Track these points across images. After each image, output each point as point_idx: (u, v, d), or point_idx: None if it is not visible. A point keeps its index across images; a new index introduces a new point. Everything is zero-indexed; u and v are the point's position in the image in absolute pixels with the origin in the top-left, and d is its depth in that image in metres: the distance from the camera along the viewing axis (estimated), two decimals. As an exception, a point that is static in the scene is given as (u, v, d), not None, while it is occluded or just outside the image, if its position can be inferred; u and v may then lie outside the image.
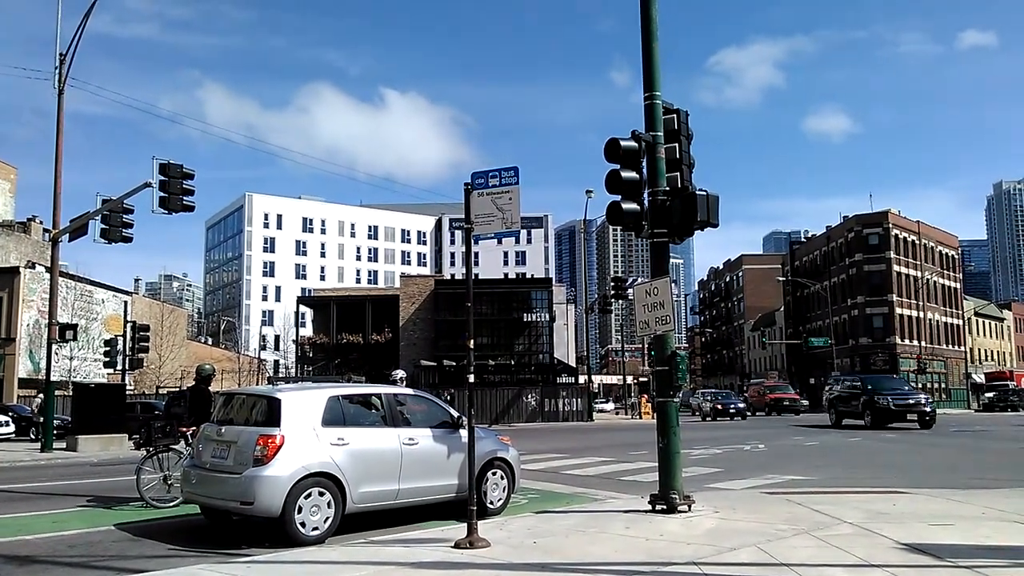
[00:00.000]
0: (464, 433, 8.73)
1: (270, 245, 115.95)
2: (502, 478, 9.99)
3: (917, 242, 74.23)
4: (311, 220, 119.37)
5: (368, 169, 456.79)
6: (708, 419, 44.93)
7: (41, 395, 31.51)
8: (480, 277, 78.86)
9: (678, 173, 9.39)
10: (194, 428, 10.80)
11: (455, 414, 9.82)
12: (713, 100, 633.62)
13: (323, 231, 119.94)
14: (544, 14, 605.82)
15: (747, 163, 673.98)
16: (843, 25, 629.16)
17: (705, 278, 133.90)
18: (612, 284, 48.83)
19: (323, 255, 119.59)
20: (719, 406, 45.61)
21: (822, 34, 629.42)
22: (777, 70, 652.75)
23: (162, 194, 20.04)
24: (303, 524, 7.99)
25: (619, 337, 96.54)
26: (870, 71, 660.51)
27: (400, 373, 13.44)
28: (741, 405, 46.23)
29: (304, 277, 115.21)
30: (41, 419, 26.21)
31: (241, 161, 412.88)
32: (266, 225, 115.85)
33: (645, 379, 71.55)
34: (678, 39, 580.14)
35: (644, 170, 9.38)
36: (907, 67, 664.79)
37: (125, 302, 52.26)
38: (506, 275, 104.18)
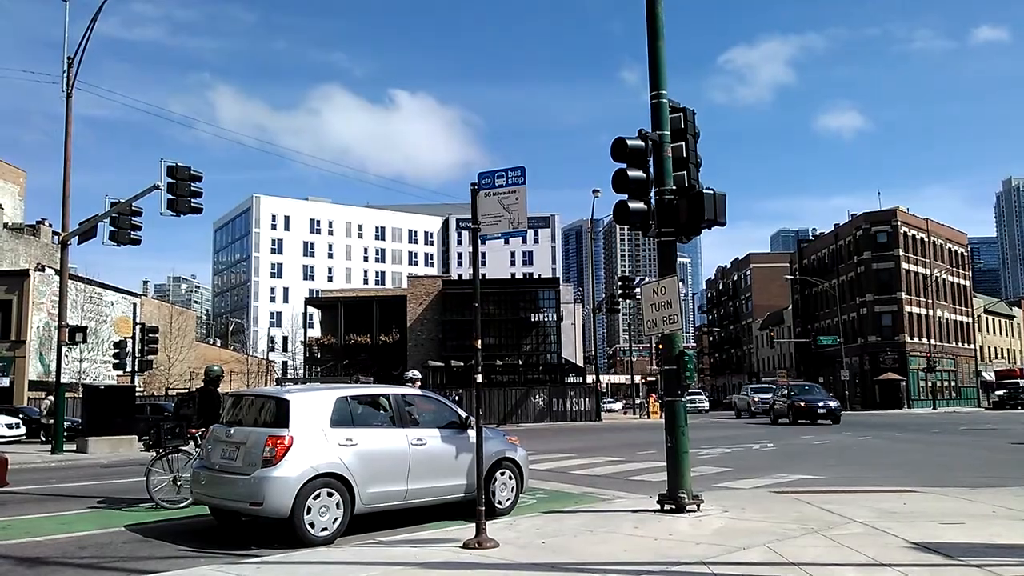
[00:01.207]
0: (472, 433, 8.73)
1: (278, 247, 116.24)
2: (510, 478, 9.99)
3: (926, 240, 73.88)
4: (318, 221, 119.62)
5: (378, 169, 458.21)
6: (783, 422, 34.82)
7: (50, 397, 31.65)
8: (487, 277, 78.80)
9: (685, 172, 9.36)
10: (203, 429, 10.83)
11: (463, 414, 9.82)
12: (724, 99, 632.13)
13: (330, 232, 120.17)
14: (554, 14, 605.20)
15: (757, 161, 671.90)
16: (855, 22, 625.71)
17: (713, 277, 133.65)
18: (619, 283, 48.78)
19: (330, 256, 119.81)
20: (801, 404, 34.11)
21: (834, 31, 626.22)
22: (789, 68, 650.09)
23: (170, 196, 20.08)
24: (312, 525, 8.01)
25: (627, 336, 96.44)
26: (882, 68, 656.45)
27: (414, 374, 13.50)
28: (833, 404, 34.01)
29: (312, 278, 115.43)
30: (50, 421, 26.34)
31: (253, 163, 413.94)
32: (274, 227, 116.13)
33: (653, 378, 71.56)
34: (689, 38, 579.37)
35: (651, 169, 9.36)
36: (919, 64, 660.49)
37: (134, 304, 52.47)
38: (513, 275, 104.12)
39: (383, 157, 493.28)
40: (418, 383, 12.87)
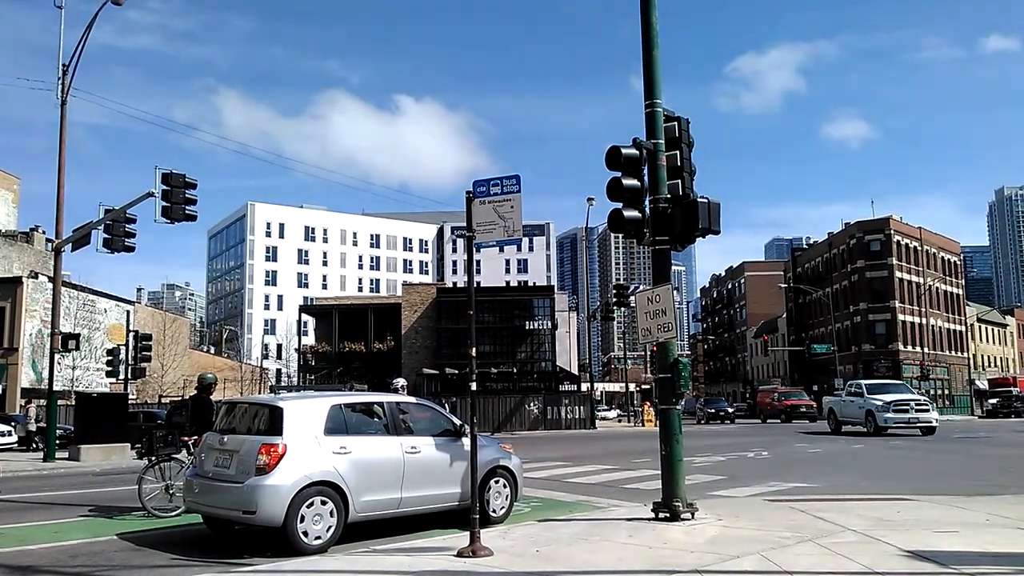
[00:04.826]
0: (467, 441, 8.72)
1: (272, 254, 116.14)
2: (505, 486, 9.97)
3: (919, 248, 74.16)
4: (313, 229, 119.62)
5: (385, 176, 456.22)
6: None
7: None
8: (482, 285, 78.82)
9: (679, 180, 9.40)
10: (196, 437, 10.80)
11: (457, 422, 9.81)
12: (731, 107, 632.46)
13: (325, 240, 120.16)
14: (565, 20, 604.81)
15: (756, 169, 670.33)
16: (866, 30, 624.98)
17: (707, 285, 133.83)
18: (614, 291, 48.89)
19: (325, 264, 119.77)
20: None
21: (844, 39, 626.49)
22: (798, 76, 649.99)
23: (164, 204, 20.05)
24: (305, 533, 7.98)
25: (621, 344, 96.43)
26: (891, 77, 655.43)
27: (401, 381, 13.45)
28: None
29: (306, 286, 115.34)
30: (37, 427, 26.17)
31: (257, 169, 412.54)
32: (268, 234, 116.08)
33: (648, 386, 71.41)
34: (700, 45, 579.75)
35: (645, 178, 9.39)
36: (928, 72, 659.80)
37: (127, 311, 52.28)
38: (508, 283, 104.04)
39: (389, 163, 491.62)
40: (405, 390, 12.84)
